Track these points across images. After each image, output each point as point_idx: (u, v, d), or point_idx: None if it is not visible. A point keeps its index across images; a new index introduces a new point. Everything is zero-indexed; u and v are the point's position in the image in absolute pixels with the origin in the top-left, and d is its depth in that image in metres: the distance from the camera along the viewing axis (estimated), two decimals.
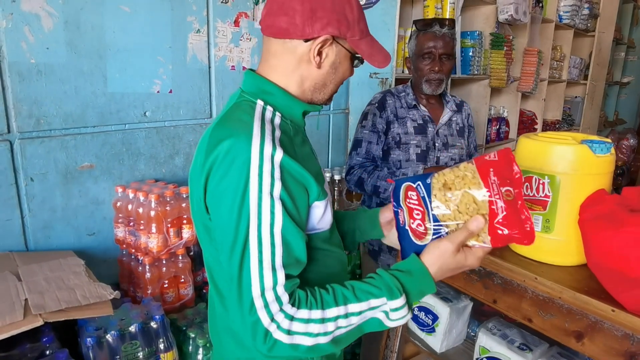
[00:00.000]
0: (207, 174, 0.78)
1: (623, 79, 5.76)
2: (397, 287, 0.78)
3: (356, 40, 0.85)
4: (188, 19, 1.70)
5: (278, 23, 0.83)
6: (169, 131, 1.72)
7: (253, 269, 0.73)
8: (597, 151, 0.97)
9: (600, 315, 0.90)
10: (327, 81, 0.88)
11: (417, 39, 1.69)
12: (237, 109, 0.84)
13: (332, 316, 0.75)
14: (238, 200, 0.73)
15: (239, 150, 0.75)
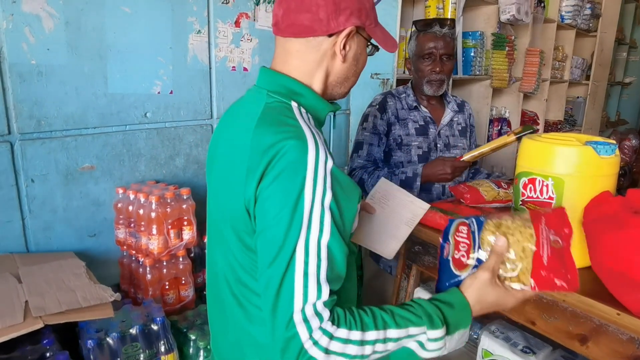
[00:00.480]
0: (260, 177, 0.72)
1: (625, 80, 5.75)
2: (439, 317, 0.75)
3: (372, 28, 0.84)
4: (189, 19, 1.69)
5: (300, 21, 0.79)
6: (170, 132, 1.71)
7: (297, 280, 0.68)
8: (602, 152, 0.96)
9: (604, 319, 0.89)
10: (350, 74, 0.86)
11: (417, 40, 1.68)
12: (274, 110, 0.79)
13: (370, 339, 0.70)
14: (291, 206, 0.69)
15: (296, 155, 0.71)
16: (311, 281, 0.68)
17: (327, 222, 0.70)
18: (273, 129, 0.75)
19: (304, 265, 0.68)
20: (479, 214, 1.28)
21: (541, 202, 1.03)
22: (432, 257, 1.33)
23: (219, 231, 0.87)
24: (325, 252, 0.70)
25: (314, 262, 0.69)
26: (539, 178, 1.03)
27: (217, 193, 0.86)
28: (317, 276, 0.69)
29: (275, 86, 0.83)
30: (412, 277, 1.45)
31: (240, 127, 0.81)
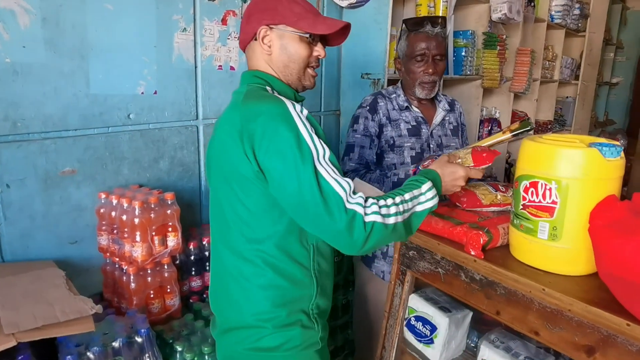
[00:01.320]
0: (253, 136, 0.94)
1: (612, 80, 5.79)
2: (422, 177, 1.10)
3: (294, 21, 1.06)
4: (174, 17, 1.63)
5: (240, 38, 1.15)
6: (154, 134, 1.64)
7: (332, 183, 0.93)
8: (607, 155, 0.92)
9: (613, 329, 0.85)
10: (285, 62, 1.09)
11: (408, 40, 1.62)
12: (255, 91, 1.05)
13: (399, 201, 1.00)
14: (295, 144, 0.93)
15: (282, 111, 0.96)
16: (340, 179, 0.95)
17: (324, 144, 0.97)
18: (255, 101, 1.00)
19: (327, 173, 0.94)
20: (475, 218, 1.24)
21: (544, 207, 0.99)
22: (427, 263, 1.29)
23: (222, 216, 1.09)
24: (331, 162, 0.97)
25: (331, 169, 0.95)
26: (541, 181, 0.99)
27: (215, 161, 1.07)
28: (338, 176, 0.95)
29: (251, 79, 1.10)
30: (407, 283, 1.40)
31: (227, 113, 1.06)
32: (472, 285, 1.16)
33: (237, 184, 1.01)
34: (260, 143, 0.94)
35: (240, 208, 1.02)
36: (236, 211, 1.04)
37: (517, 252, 1.10)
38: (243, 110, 0.99)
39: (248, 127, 0.95)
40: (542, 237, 1.00)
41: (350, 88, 2.35)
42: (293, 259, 1.06)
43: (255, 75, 1.09)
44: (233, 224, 1.06)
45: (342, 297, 2.04)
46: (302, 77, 1.12)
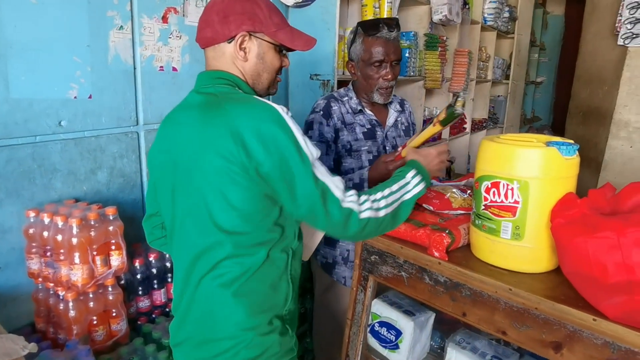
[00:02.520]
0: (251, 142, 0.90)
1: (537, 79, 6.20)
2: (407, 167, 1.13)
3: (273, 32, 1.04)
4: (108, 13, 1.49)
5: (205, 34, 1.03)
6: (90, 142, 1.49)
7: (328, 183, 0.96)
8: (565, 153, 0.94)
9: (579, 325, 0.87)
10: (259, 71, 1.06)
11: (364, 44, 1.56)
12: (228, 92, 1.00)
13: (388, 193, 1.04)
14: (294, 146, 0.92)
15: (276, 115, 0.93)
16: (334, 180, 0.98)
17: (312, 145, 0.97)
18: (242, 103, 0.95)
19: (322, 174, 0.96)
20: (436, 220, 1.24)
21: (506, 207, 1.00)
22: (390, 267, 1.27)
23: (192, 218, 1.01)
24: (321, 163, 0.98)
25: (325, 170, 0.97)
26: (503, 182, 0.99)
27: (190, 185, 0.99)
28: (332, 177, 0.98)
29: (216, 80, 1.03)
30: (369, 288, 1.37)
31: (201, 114, 0.97)
32: (437, 287, 1.15)
33: (229, 192, 0.94)
34: (259, 149, 0.91)
35: (230, 217, 0.96)
36: (222, 220, 0.97)
37: (480, 253, 1.10)
38: (230, 113, 0.93)
39: (242, 131, 0.90)
40: (505, 237, 1.01)
41: (299, 89, 2.30)
42: (274, 264, 1.03)
43: (220, 77, 1.03)
44: (212, 233, 0.98)
45: (299, 307, 1.98)
46: (271, 86, 1.11)
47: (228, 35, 1.01)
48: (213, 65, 1.05)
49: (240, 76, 1.05)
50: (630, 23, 2.61)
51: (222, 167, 0.93)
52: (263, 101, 0.95)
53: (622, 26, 2.65)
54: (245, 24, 1.00)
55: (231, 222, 0.96)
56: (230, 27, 1.00)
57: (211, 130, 0.94)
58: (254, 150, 0.90)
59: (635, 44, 2.61)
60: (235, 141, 0.90)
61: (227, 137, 0.91)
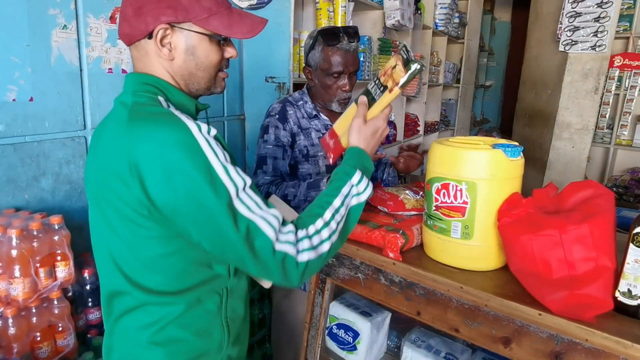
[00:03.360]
0: (148, 173, 0.75)
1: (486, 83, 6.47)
2: (350, 167, 0.95)
3: (204, 19, 0.85)
4: (50, 12, 1.41)
5: (123, 30, 0.87)
6: (32, 148, 1.41)
7: (258, 221, 0.78)
8: (510, 155, 0.98)
9: (526, 320, 0.91)
10: (191, 69, 0.89)
11: (324, 53, 1.54)
12: (143, 105, 0.82)
13: (329, 217, 0.87)
14: (207, 178, 0.75)
15: (185, 137, 0.76)
16: (265, 215, 0.80)
17: (241, 172, 0.81)
18: (143, 121, 0.78)
19: (249, 210, 0.78)
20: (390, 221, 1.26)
21: (456, 207, 1.03)
22: (347, 269, 1.28)
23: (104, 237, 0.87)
24: (253, 192, 0.81)
25: (254, 203, 0.80)
26: (452, 183, 1.02)
27: (95, 195, 0.86)
28: (264, 211, 0.80)
29: (140, 85, 0.87)
30: (327, 291, 1.38)
31: (112, 130, 0.83)
32: (392, 287, 1.17)
33: (128, 238, 0.81)
34: (159, 182, 0.75)
35: (135, 266, 0.83)
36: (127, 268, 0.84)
37: (432, 252, 1.13)
38: (131, 135, 0.76)
39: (140, 160, 0.74)
40: (456, 237, 1.04)
41: (254, 92, 2.28)
42: (202, 309, 0.89)
43: (145, 82, 0.87)
44: (119, 279, 0.85)
45: (258, 312, 1.96)
46: (213, 85, 0.94)
47: (145, 30, 0.83)
48: (138, 67, 0.89)
49: (168, 79, 0.88)
50: (570, 30, 2.78)
51: (119, 208, 0.79)
52: (174, 120, 0.78)
53: (563, 33, 2.82)
54: (165, 14, 0.82)
55: (136, 271, 0.84)
56: (147, 19, 0.82)
57: (111, 157, 0.79)
58: (153, 184, 0.75)
59: (575, 50, 2.78)
60: (132, 174, 0.75)
61: (124, 169, 0.76)
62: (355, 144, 1.00)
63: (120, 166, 0.76)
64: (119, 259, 0.84)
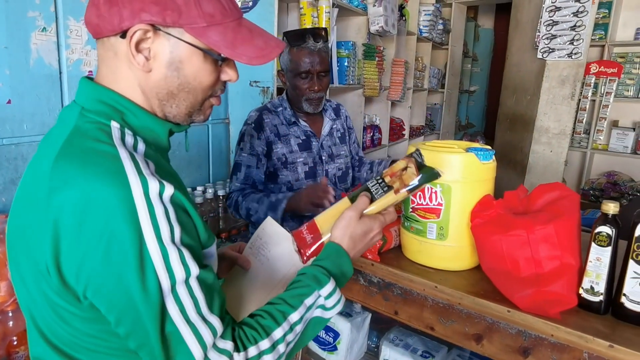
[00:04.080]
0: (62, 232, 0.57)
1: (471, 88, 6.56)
2: (323, 273, 0.75)
3: (200, 29, 0.64)
4: (29, 14, 1.41)
5: (89, 18, 0.65)
6: (9, 150, 1.40)
7: (184, 332, 0.60)
8: (482, 158, 1.01)
9: (496, 317, 0.93)
10: (172, 89, 0.67)
11: (290, 54, 1.57)
12: (85, 135, 0.62)
13: (279, 337, 0.69)
14: (136, 261, 0.57)
15: (117, 195, 0.56)
16: (199, 324, 0.62)
17: (189, 259, 0.61)
18: (77, 161, 0.59)
19: (181, 314, 0.60)
20: None
21: (431, 209, 1.05)
22: None
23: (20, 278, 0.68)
24: (197, 287, 0.62)
25: (191, 304, 0.61)
26: (427, 185, 1.05)
27: (14, 241, 0.67)
28: (200, 316, 0.62)
29: (91, 102, 0.67)
30: None
31: (40, 160, 0.64)
32: (371, 288, 1.19)
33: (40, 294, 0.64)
34: (73, 249, 0.57)
35: (59, 323, 0.65)
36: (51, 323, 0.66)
37: (409, 253, 1.15)
38: (54, 177, 0.58)
39: (57, 213, 0.57)
40: (431, 237, 1.07)
41: (239, 96, 2.29)
42: None
43: (101, 100, 0.66)
44: (51, 335, 0.67)
45: None
46: (196, 112, 0.72)
47: (117, 26, 0.63)
48: (102, 70, 0.68)
49: (135, 96, 0.68)
50: (547, 38, 2.85)
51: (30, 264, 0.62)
52: (114, 167, 0.58)
53: (541, 41, 2.89)
54: (148, 11, 0.62)
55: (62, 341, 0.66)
56: (122, 12, 0.62)
57: (30, 198, 0.63)
58: (66, 248, 0.57)
59: (552, 57, 2.85)
60: (45, 227, 0.58)
61: (40, 217, 0.59)
62: (338, 241, 0.80)
63: (38, 215, 0.59)
64: (43, 325, 0.67)
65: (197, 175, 2.27)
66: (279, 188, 1.63)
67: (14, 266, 0.68)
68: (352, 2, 2.86)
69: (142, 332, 0.59)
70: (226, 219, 2.11)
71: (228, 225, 2.12)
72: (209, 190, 2.03)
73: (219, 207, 2.08)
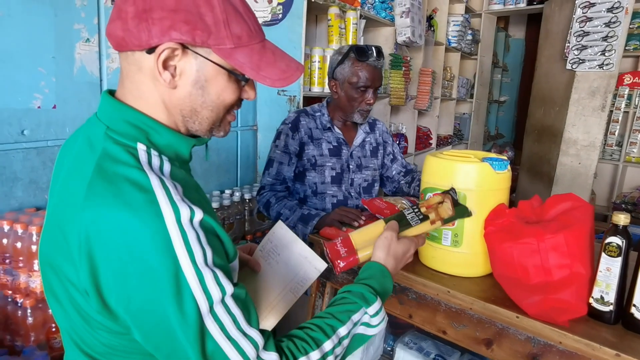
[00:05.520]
0: (98, 261, 0.59)
1: (500, 98, 6.48)
2: (371, 292, 0.78)
3: (228, 50, 0.65)
4: (75, 26, 1.53)
5: (115, 31, 0.65)
6: (53, 152, 1.52)
7: (226, 349, 0.62)
8: (497, 168, 1.04)
9: (506, 322, 0.95)
10: (196, 106, 0.69)
11: (353, 67, 1.63)
12: (114, 159, 0.63)
13: (329, 349, 0.70)
14: (172, 289, 0.59)
15: (151, 227, 0.58)
16: (240, 340, 0.63)
17: (222, 278, 0.63)
18: (111, 194, 0.59)
19: (222, 332, 0.62)
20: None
21: None
22: (345, 274, 1.33)
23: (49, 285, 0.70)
24: (234, 304, 0.64)
25: (230, 321, 0.63)
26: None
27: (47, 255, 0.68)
28: (240, 331, 0.63)
29: (116, 122, 0.67)
30: (327, 295, 1.44)
31: (70, 179, 0.65)
32: None
33: (75, 313, 0.66)
34: (113, 281, 0.59)
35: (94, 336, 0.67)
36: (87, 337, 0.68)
37: (424, 259, 1.18)
38: (89, 208, 0.59)
39: (94, 245, 0.59)
40: (446, 244, 1.10)
41: (266, 104, 2.37)
42: None
43: (127, 121, 0.67)
44: (88, 349, 0.69)
45: None
46: (217, 128, 0.74)
47: (146, 42, 0.63)
48: (125, 84, 0.69)
49: (159, 114, 0.69)
50: (577, 49, 2.81)
51: (66, 287, 0.65)
52: (147, 200, 0.59)
53: (570, 52, 2.85)
54: (178, 30, 0.62)
55: (99, 352, 0.68)
56: (151, 29, 0.62)
57: (64, 220, 0.63)
58: (106, 279, 0.59)
59: (582, 68, 2.81)
60: (81, 257, 0.59)
61: (74, 246, 0.60)
62: (382, 261, 0.84)
63: (70, 241, 0.60)
64: (77, 337, 0.69)
65: (226, 179, 2.36)
66: (304, 189, 1.70)
67: (45, 277, 0.70)
68: (379, 13, 2.91)
69: (183, 356, 0.61)
70: (252, 221, 2.19)
71: (253, 228, 2.19)
72: (237, 194, 2.11)
73: (245, 209, 2.15)
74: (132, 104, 0.68)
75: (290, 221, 1.55)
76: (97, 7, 1.58)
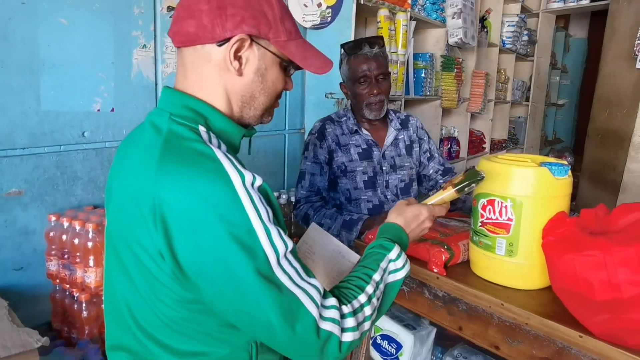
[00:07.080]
0: (176, 227, 0.64)
1: (559, 101, 6.14)
2: (387, 240, 0.88)
3: (283, 42, 0.76)
4: (133, 33, 1.60)
5: (185, 28, 0.73)
6: (110, 153, 1.59)
7: (299, 293, 0.68)
8: (556, 173, 0.97)
9: (567, 341, 0.88)
10: (255, 92, 0.78)
11: (348, 64, 1.61)
12: (180, 137, 0.70)
13: (371, 292, 0.78)
14: (245, 243, 0.65)
15: (225, 193, 0.65)
16: (307, 287, 0.70)
17: (284, 234, 0.70)
18: (182, 163, 0.67)
19: (292, 281, 0.68)
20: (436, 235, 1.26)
21: (501, 224, 1.02)
22: None
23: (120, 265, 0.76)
24: (294, 258, 0.71)
25: (294, 272, 0.69)
26: (497, 199, 1.02)
27: (116, 234, 0.76)
28: (305, 280, 0.70)
29: (177, 108, 0.75)
30: None
31: (140, 160, 0.71)
32: (436, 302, 1.17)
33: (145, 281, 0.71)
34: (186, 241, 0.65)
35: (150, 319, 0.72)
36: (148, 312, 0.73)
37: (476, 268, 1.12)
38: (161, 178, 0.65)
39: (167, 210, 0.64)
40: (500, 253, 1.03)
41: (314, 107, 2.37)
42: None
43: (187, 106, 0.74)
44: (146, 323, 0.74)
45: None
46: (266, 114, 0.84)
47: (221, 35, 0.71)
48: (189, 77, 0.76)
49: (217, 101, 0.77)
50: None
51: (138, 255, 0.70)
52: (215, 166, 0.66)
53: None
54: (247, 23, 0.72)
55: (156, 328, 0.73)
56: (226, 24, 0.71)
57: (135, 196, 0.69)
58: (179, 240, 0.65)
59: None
60: (155, 222, 0.65)
61: (148, 214, 0.65)
62: (392, 220, 0.93)
63: (144, 209, 0.66)
64: (137, 312, 0.74)
65: (273, 181, 2.38)
66: (338, 197, 1.67)
67: (113, 255, 0.77)
68: (430, 15, 2.84)
69: (256, 311, 0.65)
70: (297, 224, 2.19)
71: (298, 231, 2.19)
72: (283, 196, 2.12)
73: (291, 212, 2.16)
74: (193, 93, 0.76)
75: (333, 229, 1.52)
76: (153, 15, 1.64)
